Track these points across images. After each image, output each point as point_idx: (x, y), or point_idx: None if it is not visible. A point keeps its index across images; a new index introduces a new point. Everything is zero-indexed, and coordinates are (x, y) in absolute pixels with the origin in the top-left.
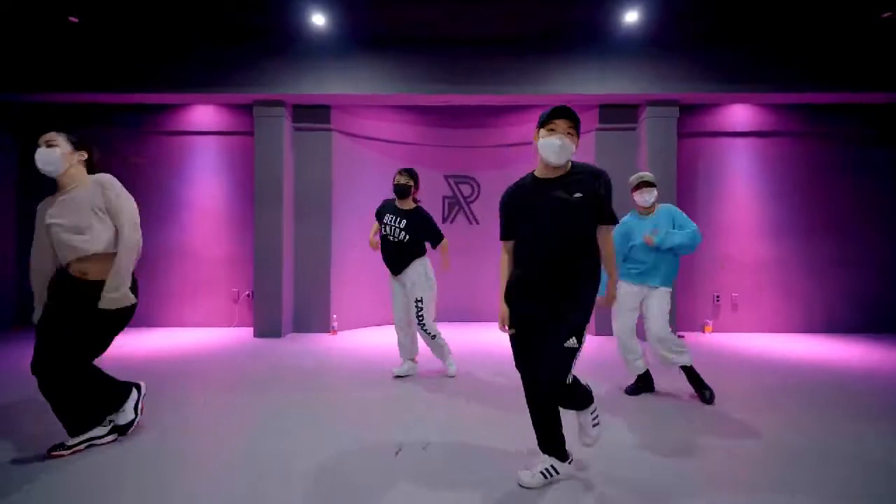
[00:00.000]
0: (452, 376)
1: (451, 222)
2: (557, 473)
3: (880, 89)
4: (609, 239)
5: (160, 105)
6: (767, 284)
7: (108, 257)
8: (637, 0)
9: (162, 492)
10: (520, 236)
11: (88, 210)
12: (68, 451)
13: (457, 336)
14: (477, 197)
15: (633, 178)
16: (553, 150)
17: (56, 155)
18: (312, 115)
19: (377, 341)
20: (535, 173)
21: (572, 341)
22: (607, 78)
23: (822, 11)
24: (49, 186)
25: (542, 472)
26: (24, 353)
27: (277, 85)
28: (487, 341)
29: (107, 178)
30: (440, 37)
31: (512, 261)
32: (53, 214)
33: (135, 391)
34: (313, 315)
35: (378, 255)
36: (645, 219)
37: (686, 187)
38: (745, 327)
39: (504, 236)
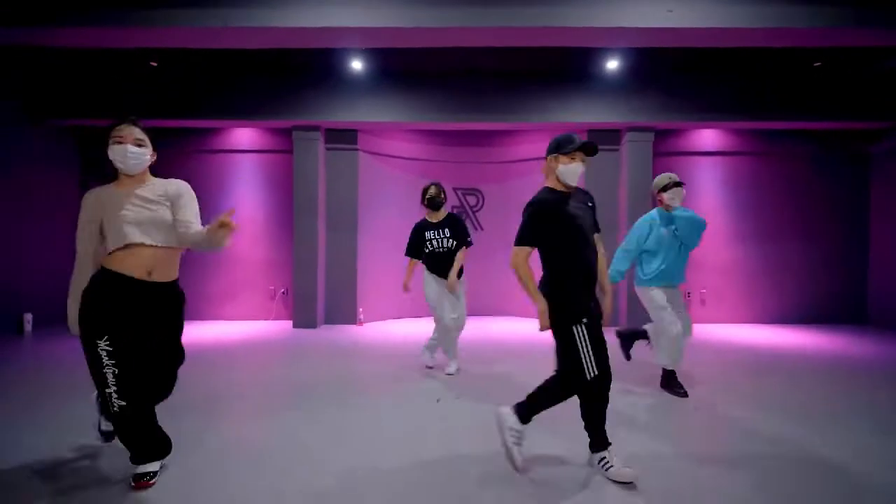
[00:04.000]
0: (452, 374)
1: None
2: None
3: (821, 119)
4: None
5: (209, 128)
6: (731, 283)
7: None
8: (617, 50)
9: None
10: (561, 243)
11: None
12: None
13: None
14: (482, 207)
15: (663, 179)
16: (576, 175)
17: (147, 156)
18: (342, 137)
19: (396, 330)
20: (556, 188)
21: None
22: (594, 108)
23: (771, 57)
24: None
25: (626, 467)
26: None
27: (314, 113)
28: (497, 332)
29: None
30: (454, 72)
31: (555, 266)
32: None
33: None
34: (343, 309)
35: (398, 254)
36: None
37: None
38: (713, 319)
39: (528, 242)
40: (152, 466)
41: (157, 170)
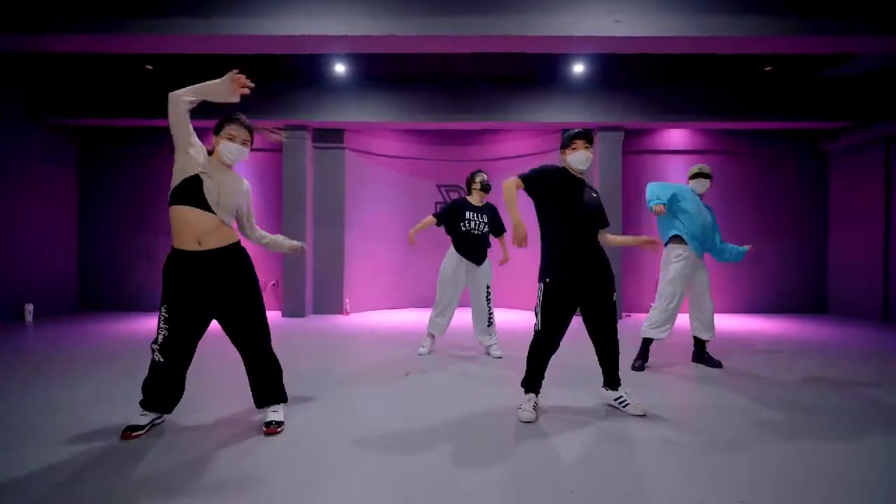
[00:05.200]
0: (499, 357)
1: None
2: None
3: (776, 119)
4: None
5: (202, 128)
6: None
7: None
8: (584, 55)
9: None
10: (556, 210)
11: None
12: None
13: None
14: None
15: (693, 168)
16: (582, 160)
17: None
18: (329, 136)
19: (379, 319)
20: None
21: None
22: (568, 108)
23: (727, 62)
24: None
25: (534, 408)
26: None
27: (302, 113)
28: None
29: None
30: (437, 75)
31: (545, 232)
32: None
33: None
34: (330, 300)
35: (382, 248)
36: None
37: (632, 196)
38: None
39: (524, 179)
40: (145, 420)
41: (155, 169)
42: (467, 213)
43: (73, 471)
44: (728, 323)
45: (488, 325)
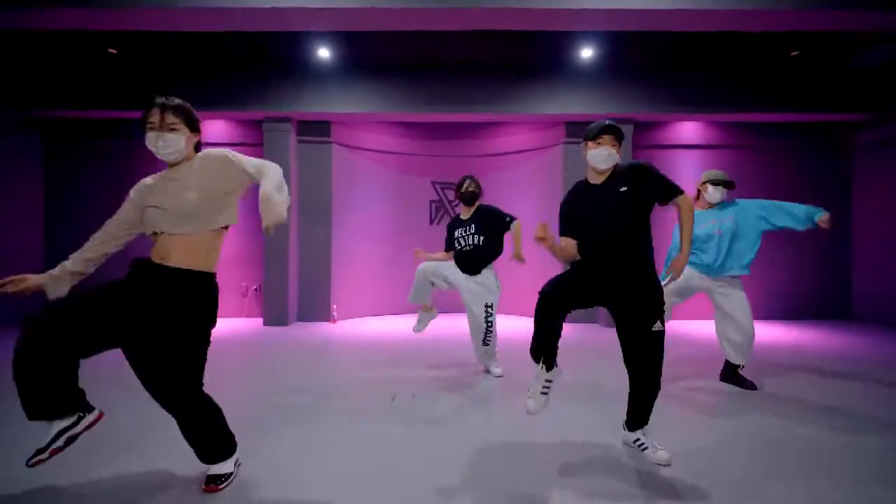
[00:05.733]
0: (500, 376)
1: (438, 223)
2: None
3: (800, 110)
4: (686, 204)
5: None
6: None
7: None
8: (591, 38)
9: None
10: (576, 235)
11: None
12: None
13: (444, 324)
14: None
15: (718, 175)
16: (602, 159)
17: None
18: (315, 129)
19: (369, 328)
20: (588, 177)
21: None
22: (572, 99)
23: (749, 47)
24: (79, 190)
25: (542, 392)
26: None
27: (284, 104)
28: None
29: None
30: (431, 63)
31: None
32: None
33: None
34: (316, 306)
35: (373, 249)
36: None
37: None
38: (690, 315)
39: (561, 234)
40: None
41: (125, 163)
42: (456, 232)
43: None
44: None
45: (484, 344)
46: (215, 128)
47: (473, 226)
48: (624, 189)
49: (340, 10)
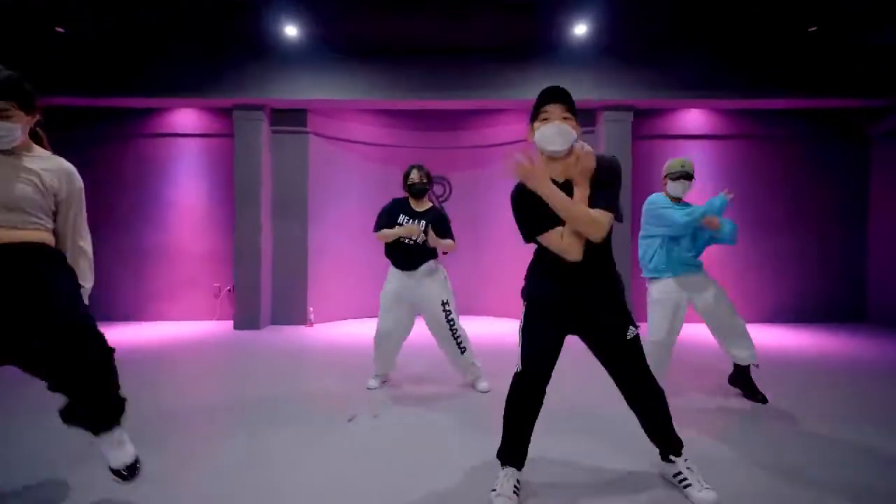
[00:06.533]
0: (486, 391)
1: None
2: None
3: (815, 95)
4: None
5: (143, 109)
6: (722, 278)
7: None
8: (588, 14)
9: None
10: (529, 230)
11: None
12: None
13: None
14: (449, 196)
15: (675, 164)
16: (550, 138)
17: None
18: (289, 118)
19: (348, 332)
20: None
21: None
22: (567, 85)
23: (760, 23)
24: None
25: (515, 491)
26: None
27: (256, 90)
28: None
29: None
30: (411, 47)
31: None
32: None
33: None
34: (291, 308)
35: (353, 247)
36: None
37: (642, 186)
38: (697, 318)
39: (526, 236)
40: None
41: (86, 154)
42: (400, 218)
43: None
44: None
45: (461, 353)
46: (182, 117)
47: (423, 223)
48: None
49: None
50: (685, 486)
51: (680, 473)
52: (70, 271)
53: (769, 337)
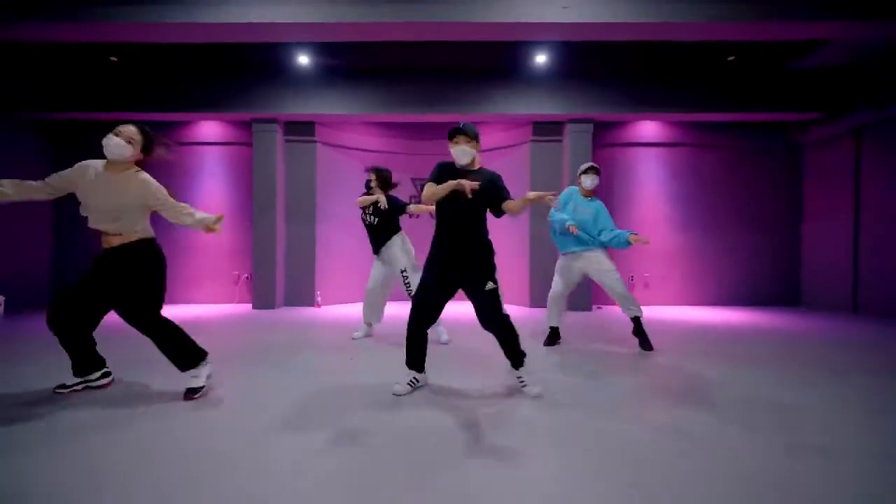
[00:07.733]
0: (445, 343)
1: (417, 217)
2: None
3: (745, 111)
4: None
5: (175, 121)
6: (672, 268)
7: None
8: (553, 46)
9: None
10: (447, 208)
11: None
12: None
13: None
14: None
15: (584, 165)
16: (458, 156)
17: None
18: (300, 129)
19: (350, 311)
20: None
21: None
22: (537, 101)
23: (693, 53)
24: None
25: (409, 384)
26: None
27: (271, 106)
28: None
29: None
30: (405, 68)
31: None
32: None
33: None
34: (301, 292)
35: (355, 241)
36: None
37: (603, 190)
38: (654, 301)
39: (432, 180)
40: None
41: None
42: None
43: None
44: (696, 315)
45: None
46: (207, 128)
47: (372, 207)
48: (487, 180)
49: (310, 25)
50: (523, 386)
51: (521, 378)
52: (154, 266)
53: (716, 316)
